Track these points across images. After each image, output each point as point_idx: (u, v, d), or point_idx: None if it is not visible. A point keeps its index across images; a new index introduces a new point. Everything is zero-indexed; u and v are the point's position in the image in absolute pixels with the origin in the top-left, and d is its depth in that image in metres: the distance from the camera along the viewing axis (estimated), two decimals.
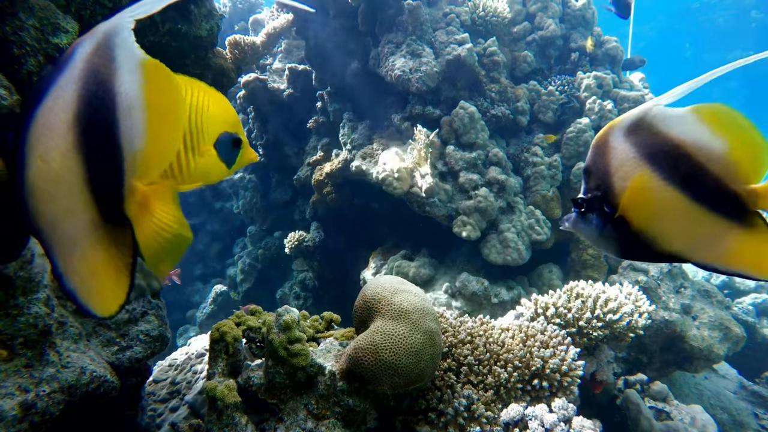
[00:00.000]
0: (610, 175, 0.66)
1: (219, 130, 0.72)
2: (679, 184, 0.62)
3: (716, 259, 0.63)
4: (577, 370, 1.52)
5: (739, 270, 0.62)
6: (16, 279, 0.95)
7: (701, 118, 0.61)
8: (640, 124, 0.64)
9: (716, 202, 0.61)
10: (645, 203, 0.63)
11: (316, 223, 3.92)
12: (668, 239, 0.64)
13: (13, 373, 0.95)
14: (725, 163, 0.60)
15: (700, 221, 0.62)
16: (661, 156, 0.62)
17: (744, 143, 0.60)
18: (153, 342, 1.38)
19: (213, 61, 2.32)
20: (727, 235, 0.62)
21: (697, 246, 0.64)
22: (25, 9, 1.12)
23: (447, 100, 3.15)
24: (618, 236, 0.67)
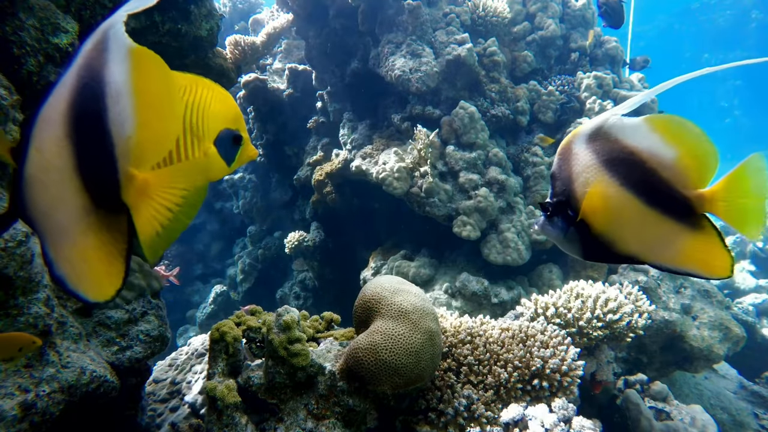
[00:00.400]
0: (573, 181, 0.69)
1: (220, 126, 0.72)
2: (633, 190, 0.65)
3: (669, 260, 0.66)
4: (577, 370, 1.52)
5: (689, 270, 0.66)
6: (16, 279, 0.95)
7: (654, 127, 0.65)
8: (599, 132, 0.67)
9: (668, 206, 0.65)
10: (603, 208, 0.67)
11: (316, 223, 3.92)
12: (625, 242, 0.68)
13: (13, 373, 0.95)
14: (675, 170, 0.64)
15: (653, 224, 0.65)
16: (618, 163, 0.66)
17: (692, 151, 0.64)
18: (153, 342, 1.38)
19: (213, 61, 2.32)
20: (678, 237, 0.65)
21: (651, 248, 0.67)
22: (25, 9, 1.12)
23: (447, 100, 3.15)
24: (580, 238, 0.71)
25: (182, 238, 5.32)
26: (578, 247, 0.72)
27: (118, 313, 1.32)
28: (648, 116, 0.66)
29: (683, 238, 0.65)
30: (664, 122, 0.65)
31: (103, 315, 1.30)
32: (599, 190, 0.66)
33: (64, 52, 1.20)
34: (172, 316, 3.90)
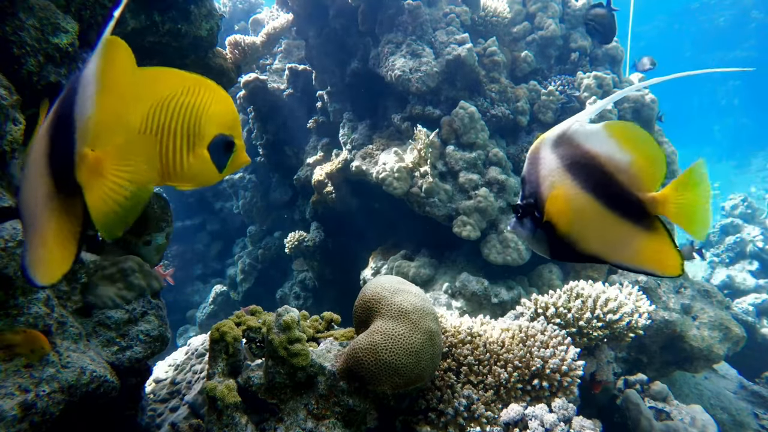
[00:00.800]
0: (539, 185, 0.73)
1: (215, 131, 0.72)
2: (593, 192, 0.69)
3: (628, 260, 0.70)
4: (577, 370, 1.52)
5: (646, 269, 0.69)
6: (16, 279, 0.96)
7: (611, 133, 0.68)
8: (563, 137, 0.71)
9: (624, 208, 0.68)
10: (566, 209, 0.70)
11: (316, 223, 3.92)
12: (587, 242, 0.71)
13: (13, 373, 0.95)
14: (630, 173, 0.67)
15: (612, 225, 0.69)
16: (579, 167, 0.69)
17: (644, 155, 0.67)
18: (153, 342, 1.38)
19: (213, 61, 2.32)
20: (634, 238, 0.69)
21: (610, 248, 0.71)
22: (25, 9, 1.12)
23: (447, 100, 3.15)
24: (547, 239, 0.74)
25: (182, 238, 5.33)
26: (546, 247, 0.76)
27: (118, 313, 1.32)
28: (607, 123, 0.69)
29: (639, 239, 0.68)
30: (620, 128, 0.68)
31: (103, 315, 1.30)
32: (562, 193, 0.70)
33: (64, 52, 1.20)
34: (172, 316, 3.90)
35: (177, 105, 0.67)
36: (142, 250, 1.55)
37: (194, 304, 5.20)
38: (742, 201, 6.36)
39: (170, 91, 0.67)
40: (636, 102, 3.33)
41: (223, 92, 0.71)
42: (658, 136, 3.51)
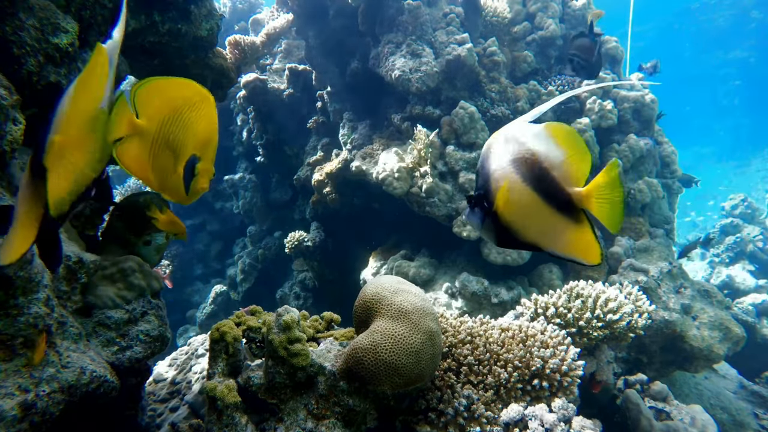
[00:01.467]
0: (489, 177, 0.79)
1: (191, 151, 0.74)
2: (532, 186, 0.75)
3: (559, 249, 0.77)
4: (577, 370, 1.52)
5: (573, 257, 0.77)
6: (16, 279, 0.95)
7: (550, 133, 0.75)
8: (510, 136, 0.78)
9: (557, 202, 0.75)
10: (509, 201, 0.77)
11: (316, 223, 3.92)
12: (527, 231, 0.79)
13: (13, 373, 0.95)
14: (562, 170, 0.74)
15: (547, 217, 0.76)
16: (522, 162, 0.76)
17: (575, 154, 0.74)
18: (153, 342, 1.38)
19: (213, 61, 2.32)
20: (565, 229, 0.76)
21: (546, 237, 0.77)
22: (25, 9, 1.12)
23: (447, 100, 3.15)
24: (494, 227, 0.81)
25: None
26: (493, 235, 0.82)
27: (118, 313, 1.32)
28: (547, 123, 0.76)
29: (569, 230, 0.75)
30: (557, 129, 0.75)
31: (103, 315, 1.30)
32: (507, 186, 0.77)
33: (64, 52, 1.20)
34: (172, 316, 3.90)
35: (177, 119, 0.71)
36: (142, 250, 1.55)
37: (194, 304, 5.20)
38: (742, 201, 6.36)
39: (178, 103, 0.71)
40: (636, 102, 3.33)
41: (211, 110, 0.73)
42: (659, 136, 3.51)
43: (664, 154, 3.51)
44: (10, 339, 0.96)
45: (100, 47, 0.65)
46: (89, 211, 1.51)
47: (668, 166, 3.52)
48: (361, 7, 3.29)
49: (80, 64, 1.33)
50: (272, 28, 3.43)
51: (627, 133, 3.28)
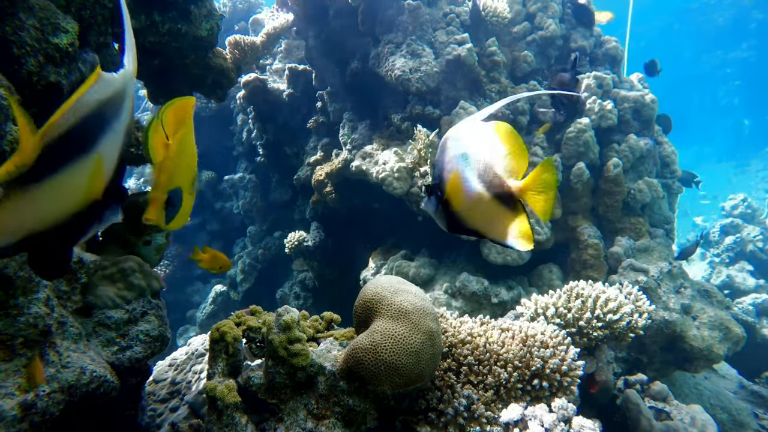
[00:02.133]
0: (442, 169, 0.86)
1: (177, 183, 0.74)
2: (479, 180, 0.83)
3: (498, 236, 0.84)
4: (577, 370, 1.52)
5: (510, 243, 0.83)
6: (16, 279, 0.95)
7: (494, 131, 0.82)
8: (463, 132, 0.85)
9: (498, 193, 0.82)
10: (457, 192, 0.84)
11: (316, 223, 3.92)
12: (472, 219, 0.86)
13: (13, 373, 0.95)
14: (504, 164, 0.81)
15: (489, 206, 0.83)
16: (470, 156, 0.83)
17: (514, 150, 0.81)
18: (153, 342, 1.38)
19: (213, 61, 2.32)
20: (505, 218, 0.83)
21: (488, 225, 0.84)
22: (25, 9, 1.12)
23: (447, 100, 3.15)
24: (445, 215, 0.88)
25: (182, 237, 5.33)
26: (444, 222, 0.89)
27: (118, 313, 1.32)
28: (493, 122, 0.83)
29: (508, 219, 0.83)
30: (501, 128, 0.82)
31: (103, 315, 1.30)
32: (455, 177, 0.84)
33: (64, 52, 1.20)
34: (172, 316, 3.91)
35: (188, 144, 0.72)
36: (142, 250, 1.55)
37: (194, 304, 5.20)
38: (742, 201, 6.36)
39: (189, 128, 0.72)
40: (636, 102, 3.33)
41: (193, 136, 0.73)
42: (659, 136, 3.51)
43: (664, 154, 3.51)
44: (10, 339, 0.96)
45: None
46: None
47: (668, 166, 3.52)
48: (361, 7, 3.29)
49: (80, 64, 1.33)
50: (272, 28, 3.43)
51: (627, 133, 3.28)
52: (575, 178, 3.10)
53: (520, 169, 0.81)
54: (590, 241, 3.01)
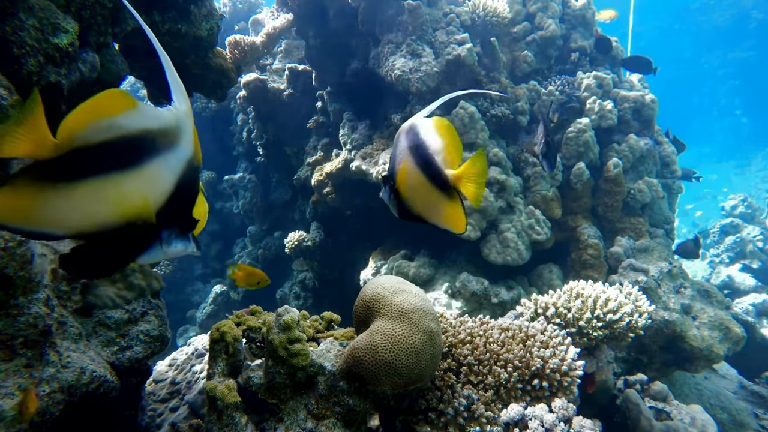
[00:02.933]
0: (395, 160, 0.95)
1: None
2: (421, 168, 0.91)
3: (438, 220, 0.92)
4: (577, 370, 1.52)
5: (448, 227, 0.92)
6: (16, 279, 0.95)
7: (435, 125, 0.91)
8: (410, 127, 0.93)
9: (438, 181, 0.90)
10: (405, 180, 0.93)
11: (316, 223, 3.92)
12: (417, 206, 0.94)
13: (13, 373, 0.95)
14: (443, 155, 0.89)
15: (430, 194, 0.91)
16: (415, 148, 0.92)
17: (452, 142, 0.90)
18: (153, 342, 1.38)
19: (213, 61, 2.32)
20: (443, 204, 0.91)
21: (430, 211, 0.93)
22: (25, 9, 1.12)
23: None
24: (396, 203, 0.97)
25: None
26: (396, 209, 0.98)
27: (118, 313, 1.32)
28: (434, 117, 0.92)
29: (445, 205, 0.91)
30: (440, 122, 0.91)
31: (103, 315, 1.30)
32: (403, 168, 0.93)
33: (64, 52, 1.20)
34: (172, 316, 3.90)
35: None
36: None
37: (194, 304, 5.20)
38: (742, 201, 6.36)
39: None
40: (636, 102, 3.33)
41: None
42: (659, 136, 3.51)
43: (664, 154, 3.51)
44: (10, 339, 0.96)
45: None
46: None
47: (668, 166, 3.52)
48: (361, 7, 3.29)
49: (80, 64, 1.33)
50: (272, 28, 3.43)
51: (627, 133, 3.28)
52: (575, 178, 3.10)
53: (456, 159, 0.90)
54: (590, 241, 3.01)
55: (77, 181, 0.56)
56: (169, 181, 0.64)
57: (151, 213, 0.63)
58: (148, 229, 0.64)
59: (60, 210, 0.55)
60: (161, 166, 0.62)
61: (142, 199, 0.61)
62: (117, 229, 0.60)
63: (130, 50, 1.99)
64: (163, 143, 0.62)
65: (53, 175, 0.54)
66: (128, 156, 0.59)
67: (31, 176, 0.53)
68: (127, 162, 0.59)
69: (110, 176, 0.58)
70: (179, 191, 0.66)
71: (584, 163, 3.10)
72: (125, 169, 0.59)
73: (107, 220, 0.59)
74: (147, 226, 0.63)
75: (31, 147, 0.53)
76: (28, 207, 0.54)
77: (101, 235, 0.59)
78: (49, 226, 0.56)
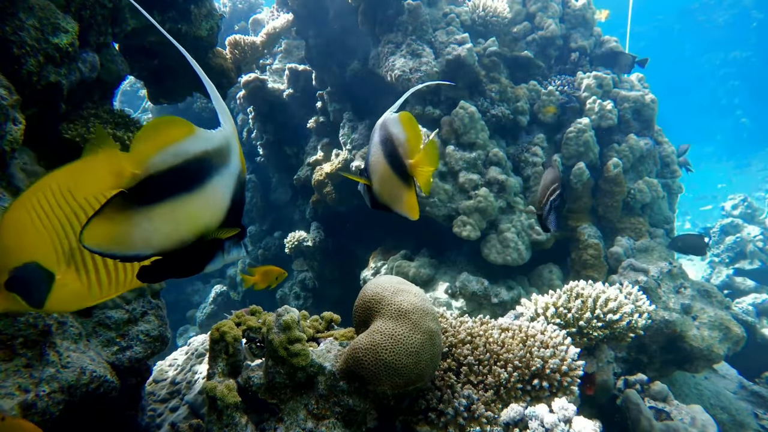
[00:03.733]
0: (369, 154, 1.01)
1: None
2: (388, 160, 0.97)
3: (399, 208, 0.98)
4: (577, 370, 1.52)
5: (406, 214, 0.98)
6: None
7: (400, 119, 0.96)
8: (383, 121, 0.99)
9: (400, 171, 0.96)
10: (375, 171, 0.99)
11: (316, 223, 3.92)
12: (383, 195, 1.00)
13: (13, 373, 0.95)
14: (405, 146, 0.95)
15: (394, 183, 0.97)
16: (384, 142, 0.98)
17: (413, 135, 0.94)
18: (153, 342, 1.38)
19: (213, 61, 2.32)
20: (404, 193, 0.97)
21: (393, 199, 0.99)
22: (25, 9, 1.12)
23: (447, 100, 3.15)
24: (369, 194, 1.03)
25: None
26: (369, 200, 1.04)
27: (118, 313, 1.32)
28: (401, 112, 0.97)
29: (405, 193, 0.97)
30: (404, 116, 0.96)
31: (103, 315, 1.30)
32: (373, 160, 0.99)
33: (64, 52, 1.20)
34: (172, 316, 3.90)
35: None
36: None
37: (194, 304, 5.20)
38: (742, 201, 6.36)
39: None
40: (636, 102, 3.33)
41: None
42: (659, 136, 3.51)
43: (664, 154, 3.51)
44: (10, 339, 0.96)
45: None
46: None
47: (668, 166, 3.52)
48: (361, 7, 3.29)
49: (80, 64, 1.33)
50: (272, 28, 3.43)
51: (627, 133, 3.28)
52: (575, 178, 3.10)
53: (415, 149, 0.96)
54: (590, 241, 3.01)
55: (155, 205, 0.62)
56: (227, 195, 0.70)
57: (216, 227, 0.69)
58: (215, 241, 0.71)
59: (145, 232, 0.62)
60: (220, 184, 0.69)
61: (209, 215, 0.68)
62: (190, 244, 0.67)
63: (130, 50, 1.99)
64: (218, 162, 0.68)
65: (135, 202, 0.61)
66: (193, 178, 0.65)
67: (117, 205, 0.60)
68: (193, 183, 0.65)
69: (181, 197, 0.64)
70: (234, 204, 0.71)
71: (584, 163, 3.10)
72: (192, 189, 0.65)
73: (182, 237, 0.66)
74: (214, 239, 0.70)
75: (114, 180, 0.59)
76: (120, 233, 0.61)
77: (177, 250, 0.66)
78: (138, 248, 0.62)
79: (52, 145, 1.32)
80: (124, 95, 6.74)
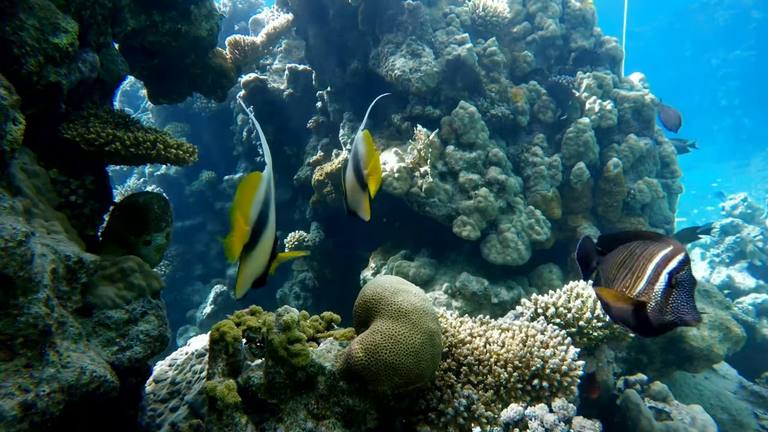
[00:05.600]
0: (346, 168, 1.23)
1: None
2: (354, 173, 1.20)
3: (360, 212, 1.23)
4: (577, 370, 1.52)
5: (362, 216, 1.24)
6: (16, 279, 0.95)
7: (363, 137, 1.20)
8: (356, 138, 1.20)
9: (361, 182, 1.19)
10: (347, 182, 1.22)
11: (316, 223, 3.92)
12: (353, 203, 1.24)
13: (13, 373, 0.95)
14: (363, 159, 1.19)
15: (358, 192, 1.21)
16: (354, 156, 1.22)
17: (368, 149, 1.20)
18: (153, 342, 1.38)
19: (213, 61, 2.33)
20: (363, 200, 1.21)
21: (357, 205, 1.22)
22: (25, 9, 1.12)
23: (447, 100, 3.15)
24: (346, 204, 1.26)
25: (182, 238, 5.33)
26: (345, 208, 1.26)
27: (118, 313, 1.32)
28: (364, 130, 1.20)
29: (364, 200, 1.21)
30: (365, 134, 1.20)
31: (103, 315, 1.30)
32: (348, 174, 1.22)
33: (64, 52, 1.20)
34: (172, 316, 3.90)
35: None
36: (142, 250, 1.55)
37: (194, 304, 5.20)
38: (742, 201, 6.36)
39: None
40: (636, 102, 3.33)
41: None
42: (659, 136, 3.51)
43: (664, 154, 3.51)
44: (10, 339, 0.96)
45: None
46: (89, 211, 1.51)
47: (668, 166, 3.52)
48: (361, 7, 3.29)
49: (80, 64, 1.33)
50: (272, 28, 3.43)
51: (627, 133, 3.28)
52: (575, 178, 3.10)
53: (369, 162, 1.17)
54: None
55: (257, 244, 0.92)
56: (274, 216, 0.96)
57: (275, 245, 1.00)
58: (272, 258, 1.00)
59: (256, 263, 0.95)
60: (273, 212, 0.95)
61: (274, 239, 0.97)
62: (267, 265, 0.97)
63: (130, 50, 1.99)
64: (270, 194, 0.93)
65: (249, 248, 0.92)
66: (267, 215, 0.92)
67: (245, 252, 0.92)
68: (268, 220, 0.93)
69: (265, 233, 0.92)
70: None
71: (584, 163, 3.10)
72: (266, 226, 0.92)
73: (266, 260, 0.96)
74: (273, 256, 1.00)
75: (242, 239, 0.90)
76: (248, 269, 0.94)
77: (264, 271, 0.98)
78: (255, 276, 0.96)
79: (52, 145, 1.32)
80: (124, 95, 6.74)
